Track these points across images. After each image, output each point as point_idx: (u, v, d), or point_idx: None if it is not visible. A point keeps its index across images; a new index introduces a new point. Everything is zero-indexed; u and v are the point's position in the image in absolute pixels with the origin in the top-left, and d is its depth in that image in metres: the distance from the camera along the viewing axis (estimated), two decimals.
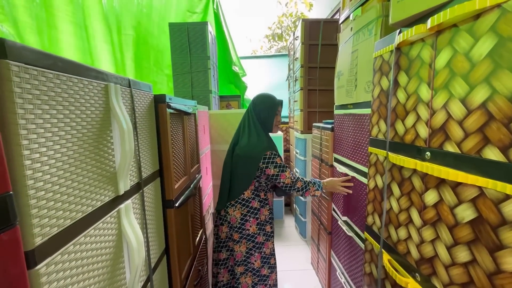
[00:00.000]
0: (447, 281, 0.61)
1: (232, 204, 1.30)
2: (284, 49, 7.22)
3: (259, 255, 1.29)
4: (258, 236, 1.30)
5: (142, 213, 0.77)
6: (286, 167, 1.26)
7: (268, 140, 1.29)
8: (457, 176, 0.55)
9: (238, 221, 1.29)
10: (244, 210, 1.29)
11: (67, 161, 0.46)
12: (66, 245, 0.44)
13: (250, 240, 1.29)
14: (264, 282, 1.31)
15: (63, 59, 0.46)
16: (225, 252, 1.35)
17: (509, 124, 0.46)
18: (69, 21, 1.32)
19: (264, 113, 1.29)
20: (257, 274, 1.30)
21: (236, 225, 1.29)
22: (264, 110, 1.29)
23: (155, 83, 2.70)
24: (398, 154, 0.78)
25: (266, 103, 1.30)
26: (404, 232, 0.77)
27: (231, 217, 1.30)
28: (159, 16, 2.67)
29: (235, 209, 1.29)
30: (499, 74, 0.48)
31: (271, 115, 1.29)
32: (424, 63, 0.68)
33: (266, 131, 1.31)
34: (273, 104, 1.29)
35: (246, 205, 1.29)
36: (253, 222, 1.28)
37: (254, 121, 1.30)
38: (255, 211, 1.30)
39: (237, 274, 1.30)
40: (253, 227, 1.29)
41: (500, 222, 0.48)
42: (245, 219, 1.29)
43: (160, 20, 2.63)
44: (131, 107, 0.72)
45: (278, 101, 1.32)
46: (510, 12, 0.46)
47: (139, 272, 0.68)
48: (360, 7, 1.22)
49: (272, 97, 1.33)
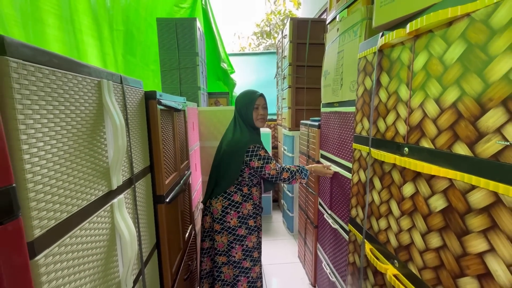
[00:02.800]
0: (421, 265, 0.66)
1: (215, 196, 1.34)
2: (273, 46, 7.25)
3: (240, 247, 1.32)
4: (239, 229, 1.32)
5: (134, 208, 0.78)
6: (270, 158, 1.28)
7: (251, 134, 1.31)
8: (431, 169, 0.60)
9: (219, 212, 1.33)
10: (226, 203, 1.32)
11: (63, 155, 0.47)
12: (63, 237, 0.46)
13: (231, 233, 1.32)
14: (246, 275, 1.34)
15: (58, 55, 0.46)
16: (208, 241, 1.40)
17: (475, 122, 0.51)
18: (55, 15, 1.28)
19: (243, 109, 1.31)
20: (238, 266, 1.33)
21: (217, 217, 1.33)
22: (243, 107, 1.32)
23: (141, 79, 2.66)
24: (380, 150, 0.84)
25: (243, 100, 1.32)
26: (385, 222, 0.83)
27: (213, 208, 1.34)
28: (146, 10, 2.63)
29: (217, 201, 1.33)
30: (468, 77, 0.53)
31: (250, 110, 1.30)
32: (403, 65, 0.73)
33: (250, 126, 1.33)
34: (250, 100, 1.30)
35: (228, 198, 1.33)
36: (234, 215, 1.31)
37: (238, 118, 1.34)
38: (236, 204, 1.33)
39: (218, 263, 1.34)
40: (234, 220, 1.31)
41: (466, 210, 0.53)
42: (226, 211, 1.32)
43: (147, 14, 2.59)
44: (122, 103, 0.72)
45: (255, 96, 1.31)
46: (477, 21, 0.51)
47: (131, 265, 0.69)
48: (346, 9, 1.26)
49: (250, 92, 1.33)
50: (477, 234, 0.51)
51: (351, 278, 1.08)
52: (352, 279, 1.08)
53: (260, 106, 1.31)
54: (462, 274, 0.55)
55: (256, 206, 1.39)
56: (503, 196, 0.46)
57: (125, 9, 2.22)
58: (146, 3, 2.62)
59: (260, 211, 1.41)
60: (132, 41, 2.44)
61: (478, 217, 0.51)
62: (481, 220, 0.50)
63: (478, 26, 0.51)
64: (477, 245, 0.51)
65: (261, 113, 1.32)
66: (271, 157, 1.29)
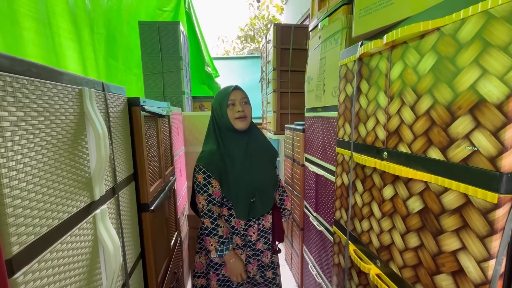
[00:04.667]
0: (401, 264, 0.70)
1: None
2: (257, 50, 7.31)
3: (214, 275, 1.12)
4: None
5: (118, 218, 0.76)
6: (203, 190, 1.01)
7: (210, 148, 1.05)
8: (408, 172, 0.64)
9: (198, 230, 1.16)
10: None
11: (43, 168, 0.45)
12: (43, 253, 0.44)
13: (207, 256, 1.14)
14: None
15: (37, 64, 0.45)
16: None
17: (447, 129, 0.55)
18: (32, 17, 1.23)
19: (217, 110, 1.06)
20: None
21: (197, 235, 1.18)
22: (217, 108, 1.06)
23: (124, 83, 2.60)
24: (361, 154, 0.87)
25: (216, 100, 1.08)
26: (367, 224, 0.86)
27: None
28: (129, 13, 2.58)
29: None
30: (439, 87, 0.57)
31: (224, 109, 1.03)
32: (381, 74, 0.77)
33: (228, 131, 1.06)
34: (223, 97, 1.04)
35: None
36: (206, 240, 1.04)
37: (210, 124, 1.11)
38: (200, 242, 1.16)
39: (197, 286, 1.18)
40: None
41: (440, 211, 0.57)
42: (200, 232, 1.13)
43: (130, 17, 2.54)
44: (105, 111, 0.71)
45: (228, 90, 1.04)
46: (446, 35, 0.55)
47: (115, 277, 0.67)
48: (328, 18, 1.31)
49: (223, 89, 1.09)
50: (451, 234, 0.55)
51: (337, 279, 1.11)
52: (337, 279, 1.11)
53: (236, 101, 1.04)
54: (438, 272, 0.58)
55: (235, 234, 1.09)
56: (472, 197, 0.50)
57: (106, 12, 2.17)
58: (128, 6, 2.57)
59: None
60: (114, 45, 2.39)
61: (451, 218, 0.54)
62: (454, 220, 0.54)
63: (447, 40, 0.55)
64: (450, 243, 0.55)
65: (239, 109, 1.02)
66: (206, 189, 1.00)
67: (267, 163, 1.13)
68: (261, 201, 1.09)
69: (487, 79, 0.47)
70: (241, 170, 1.04)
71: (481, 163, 0.48)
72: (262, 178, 1.10)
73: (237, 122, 1.04)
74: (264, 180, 1.11)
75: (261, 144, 1.14)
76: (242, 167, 1.05)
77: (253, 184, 1.06)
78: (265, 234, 1.16)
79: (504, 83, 0.44)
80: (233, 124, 1.04)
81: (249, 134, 1.10)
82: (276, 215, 1.19)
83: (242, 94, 1.06)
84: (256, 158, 1.10)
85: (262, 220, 1.13)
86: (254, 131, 1.14)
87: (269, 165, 1.15)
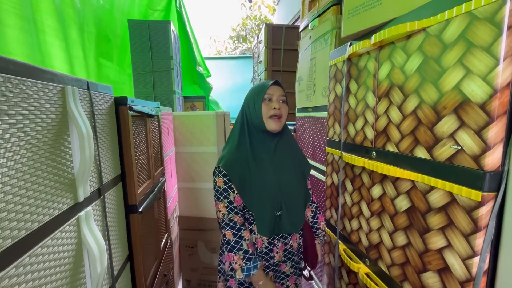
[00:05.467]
0: (389, 263, 0.70)
1: None
2: (249, 50, 7.31)
3: None
4: (231, 280, 0.92)
5: (104, 220, 0.74)
6: (223, 196, 0.86)
7: (233, 147, 0.90)
8: (396, 172, 0.64)
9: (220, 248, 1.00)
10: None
11: (21, 168, 0.43)
12: (21, 257, 0.42)
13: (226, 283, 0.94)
14: None
15: (15, 61, 0.43)
16: None
17: (432, 128, 0.56)
18: (16, 14, 1.19)
19: (250, 105, 0.91)
20: None
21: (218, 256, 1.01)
22: (250, 101, 0.91)
23: (117, 83, 2.55)
24: (350, 153, 0.88)
25: (251, 93, 0.92)
26: (356, 223, 0.86)
27: None
28: (122, 12, 2.54)
29: None
30: (425, 87, 0.58)
31: (258, 104, 0.88)
32: (370, 74, 0.78)
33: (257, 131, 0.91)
34: (259, 91, 0.89)
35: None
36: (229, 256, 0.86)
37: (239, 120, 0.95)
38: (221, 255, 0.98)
39: None
40: (227, 264, 0.89)
41: (427, 209, 0.58)
42: (222, 249, 0.97)
43: (123, 17, 2.51)
44: (90, 110, 0.69)
45: (267, 84, 0.89)
46: (432, 36, 0.56)
47: (101, 281, 0.65)
48: (318, 18, 1.32)
49: (261, 83, 0.94)
50: (437, 232, 0.55)
51: (327, 278, 1.12)
52: (328, 279, 1.11)
53: (274, 96, 0.89)
54: (425, 269, 0.59)
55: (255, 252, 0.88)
56: (457, 196, 0.50)
57: (97, 11, 2.12)
58: (121, 5, 2.53)
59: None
60: (107, 44, 2.34)
61: (437, 216, 0.55)
62: (440, 218, 0.55)
63: (433, 40, 0.56)
64: (436, 241, 0.55)
65: (275, 106, 0.87)
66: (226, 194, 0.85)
67: (298, 174, 0.95)
68: (289, 217, 0.89)
69: (471, 79, 0.48)
70: (267, 176, 0.88)
71: (465, 162, 0.49)
72: (291, 189, 0.91)
73: (270, 122, 0.87)
74: (293, 191, 0.92)
75: (293, 151, 0.97)
76: (268, 173, 0.88)
77: (280, 195, 0.88)
78: (292, 256, 0.95)
79: (487, 83, 0.45)
80: (265, 123, 0.88)
81: (280, 138, 0.93)
82: (309, 236, 0.99)
83: (281, 91, 0.91)
84: (285, 165, 0.92)
85: (289, 240, 0.93)
86: (286, 135, 0.97)
87: (301, 176, 0.96)
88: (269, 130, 0.88)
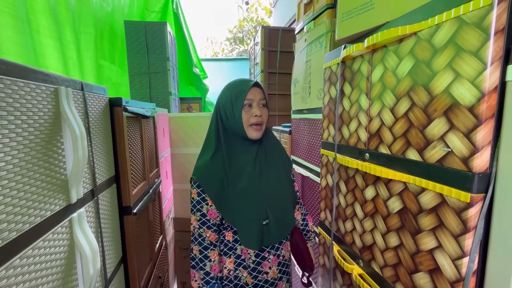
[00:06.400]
0: (382, 264, 0.71)
1: None
2: (246, 52, 7.34)
3: None
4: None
5: (97, 222, 0.73)
6: (196, 208, 0.81)
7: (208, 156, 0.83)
8: (388, 173, 0.65)
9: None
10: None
11: (12, 169, 0.43)
12: (11, 259, 0.42)
13: None
14: None
15: (6, 62, 0.43)
16: None
17: (423, 131, 0.57)
18: (9, 14, 1.18)
19: (227, 109, 0.82)
20: None
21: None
22: (227, 106, 0.82)
23: (120, 85, 2.54)
24: (344, 155, 0.88)
25: (228, 93, 0.83)
26: (350, 224, 0.87)
27: None
28: (122, 14, 2.54)
29: None
30: (416, 89, 0.59)
31: (237, 109, 0.79)
32: (363, 76, 0.79)
33: (231, 137, 0.84)
34: (238, 93, 0.80)
35: None
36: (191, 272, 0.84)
37: (213, 126, 0.87)
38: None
39: None
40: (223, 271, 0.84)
41: (418, 210, 0.58)
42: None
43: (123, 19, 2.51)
44: (84, 111, 0.69)
45: (247, 86, 0.81)
46: (423, 40, 0.57)
47: (93, 284, 0.65)
48: (313, 21, 1.33)
49: (239, 82, 0.85)
50: (428, 233, 0.56)
51: (322, 280, 1.12)
52: (322, 280, 1.11)
53: (255, 102, 0.81)
54: (416, 270, 0.59)
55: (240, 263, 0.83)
56: (447, 197, 0.51)
57: (95, 11, 2.11)
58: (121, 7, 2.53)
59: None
60: (108, 46, 2.34)
61: (428, 217, 0.56)
62: (430, 219, 0.55)
63: (424, 44, 0.57)
64: (427, 242, 0.56)
65: (256, 113, 0.80)
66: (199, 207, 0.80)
67: (282, 175, 0.89)
68: (277, 224, 0.83)
69: (460, 83, 0.49)
70: (248, 183, 0.81)
71: (455, 164, 0.50)
72: (277, 194, 0.86)
73: (251, 130, 0.81)
74: (279, 195, 0.86)
75: (275, 152, 0.91)
76: (250, 180, 0.81)
77: (264, 202, 0.82)
78: (287, 269, 0.89)
79: (475, 86, 0.46)
80: (245, 131, 0.81)
81: (260, 142, 0.87)
82: (301, 240, 0.93)
83: (261, 94, 0.83)
84: (268, 168, 0.86)
85: (281, 250, 0.86)
86: (267, 138, 0.90)
87: (285, 176, 0.90)
88: (250, 138, 0.82)
